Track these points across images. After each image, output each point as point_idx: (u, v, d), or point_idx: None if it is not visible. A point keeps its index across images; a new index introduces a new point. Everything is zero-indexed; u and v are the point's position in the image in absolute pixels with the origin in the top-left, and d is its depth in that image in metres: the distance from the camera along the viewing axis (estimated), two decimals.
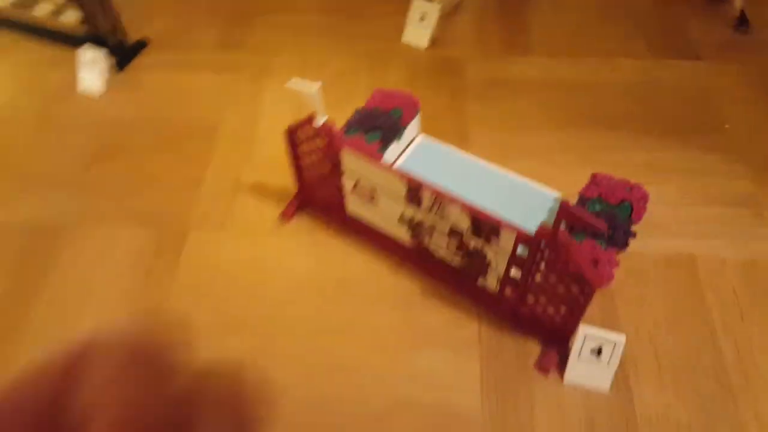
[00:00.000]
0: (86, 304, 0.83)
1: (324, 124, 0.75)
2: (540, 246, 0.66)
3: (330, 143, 0.76)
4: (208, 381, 0.32)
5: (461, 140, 1.00)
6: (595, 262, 0.73)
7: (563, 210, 0.58)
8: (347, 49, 1.17)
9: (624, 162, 0.94)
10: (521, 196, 0.87)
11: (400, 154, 0.94)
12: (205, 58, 1.18)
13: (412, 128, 0.93)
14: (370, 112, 0.90)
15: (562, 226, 0.76)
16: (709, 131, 0.99)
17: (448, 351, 0.77)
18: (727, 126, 1.00)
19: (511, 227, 0.67)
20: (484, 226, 0.69)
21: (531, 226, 0.67)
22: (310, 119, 0.76)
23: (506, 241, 0.69)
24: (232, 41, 1.21)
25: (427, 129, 1.00)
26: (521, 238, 0.67)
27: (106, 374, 0.28)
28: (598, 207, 0.78)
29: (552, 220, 0.63)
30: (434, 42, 1.17)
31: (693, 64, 1.10)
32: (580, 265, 0.64)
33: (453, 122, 1.03)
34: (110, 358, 0.29)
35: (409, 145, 0.95)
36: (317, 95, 0.70)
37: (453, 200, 0.70)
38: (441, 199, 0.71)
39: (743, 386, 0.72)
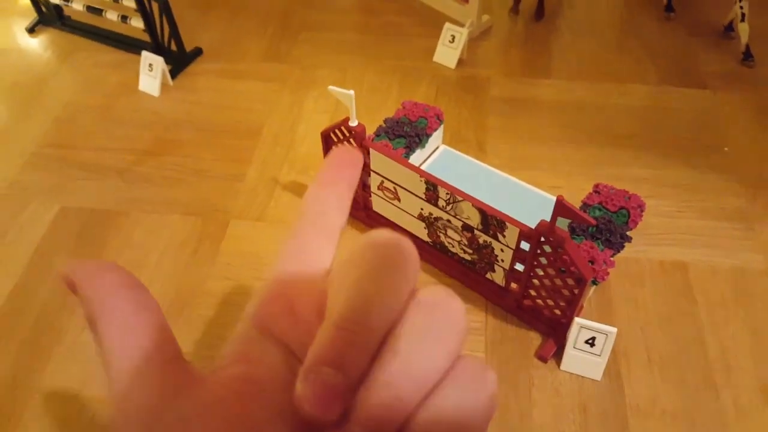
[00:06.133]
0: None
1: (356, 126, 0.85)
2: (540, 240, 0.74)
3: (360, 143, 0.86)
4: None
5: (479, 150, 1.09)
6: (592, 261, 0.81)
7: (558, 204, 0.67)
8: (381, 66, 1.28)
9: (626, 176, 1.03)
10: (528, 201, 0.96)
11: (424, 161, 1.03)
12: (252, 67, 1.29)
13: (436, 138, 1.03)
14: (397, 121, 1.00)
15: (565, 227, 0.85)
16: (709, 152, 1.07)
17: None
18: (726, 149, 1.07)
19: (516, 222, 0.76)
20: (492, 221, 0.78)
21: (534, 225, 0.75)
22: (344, 121, 0.86)
23: (511, 236, 0.78)
24: (277, 54, 1.33)
25: (449, 139, 1.10)
26: (524, 233, 0.76)
27: None
28: (597, 212, 0.87)
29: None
30: (462, 62, 1.27)
31: (699, 92, 1.18)
32: (573, 258, 0.72)
33: (473, 134, 1.12)
34: None
35: (432, 153, 1.05)
36: (352, 99, 0.80)
37: (465, 197, 0.79)
38: (454, 197, 0.80)
39: (725, 380, 0.79)
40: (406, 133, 0.98)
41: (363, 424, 0.18)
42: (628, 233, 0.84)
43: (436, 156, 1.05)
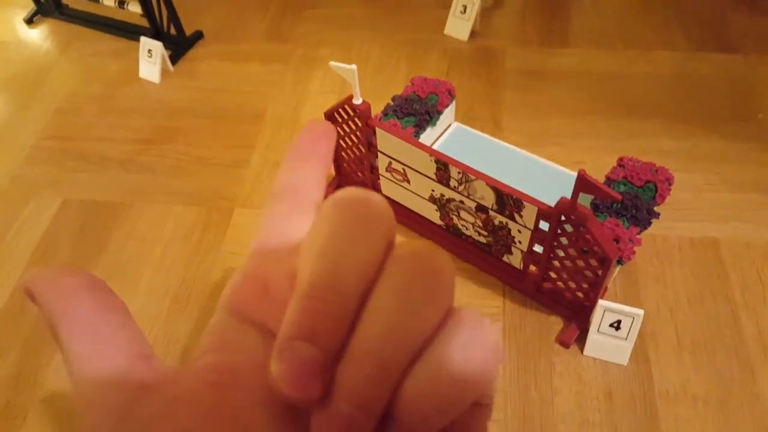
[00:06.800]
0: (141, 272, 0.91)
1: (360, 104, 0.80)
2: (560, 219, 0.69)
3: (365, 122, 0.82)
4: None
5: (495, 127, 1.03)
6: (617, 239, 0.75)
7: (580, 179, 0.62)
8: (389, 40, 1.23)
9: (653, 149, 0.96)
10: (548, 178, 0.91)
11: (435, 140, 0.98)
12: (254, 49, 1.25)
13: (448, 115, 0.98)
14: (406, 98, 0.95)
15: (587, 204, 0.79)
16: (742, 121, 1.00)
17: None
18: (760, 116, 1.00)
19: (533, 201, 0.71)
20: (508, 201, 0.73)
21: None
22: (348, 99, 0.81)
23: (529, 215, 0.73)
24: (280, 33, 1.28)
25: (462, 116, 1.05)
26: (543, 212, 0.71)
27: None
28: (623, 188, 0.81)
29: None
30: (475, 34, 1.21)
31: (730, 56, 1.11)
32: (597, 237, 0.67)
33: (488, 110, 1.07)
34: None
35: (444, 131, 1.00)
36: (355, 75, 0.75)
37: (478, 175, 0.74)
38: (467, 176, 0.75)
39: (762, 362, 0.74)
40: (416, 110, 0.93)
41: (349, 400, 0.17)
42: (655, 209, 0.78)
43: (448, 134, 1.00)
